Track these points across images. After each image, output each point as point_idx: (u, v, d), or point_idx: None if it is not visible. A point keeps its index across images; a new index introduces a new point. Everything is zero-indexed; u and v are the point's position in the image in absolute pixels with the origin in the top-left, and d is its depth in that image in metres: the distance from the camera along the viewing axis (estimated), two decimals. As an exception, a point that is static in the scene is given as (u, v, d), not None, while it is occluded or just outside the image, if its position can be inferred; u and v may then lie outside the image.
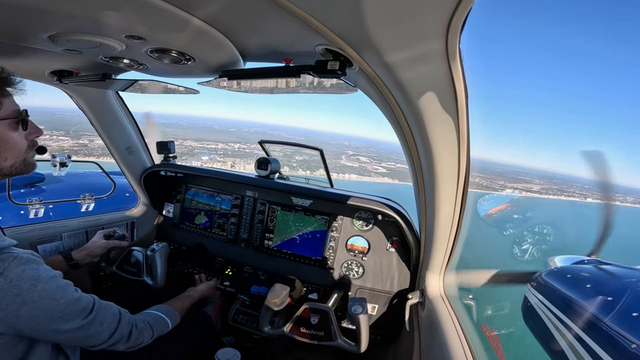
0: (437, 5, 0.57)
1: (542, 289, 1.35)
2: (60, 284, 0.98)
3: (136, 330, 1.23)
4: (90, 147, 16.04)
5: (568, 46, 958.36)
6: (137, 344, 1.24)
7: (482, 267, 1.67)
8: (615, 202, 1.47)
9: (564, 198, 12.75)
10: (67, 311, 0.98)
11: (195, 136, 47.23)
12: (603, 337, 1.01)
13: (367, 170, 49.79)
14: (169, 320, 1.44)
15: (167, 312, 1.48)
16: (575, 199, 12.33)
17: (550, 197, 12.71)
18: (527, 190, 12.37)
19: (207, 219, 2.36)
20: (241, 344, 2.12)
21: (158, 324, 1.38)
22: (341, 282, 2.01)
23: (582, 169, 1.39)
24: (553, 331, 1.18)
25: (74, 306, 1.00)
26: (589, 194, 11.68)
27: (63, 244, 2.01)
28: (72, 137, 16.78)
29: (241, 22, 0.89)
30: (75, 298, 1.02)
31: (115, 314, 1.16)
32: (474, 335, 1.21)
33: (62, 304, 0.96)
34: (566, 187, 13.39)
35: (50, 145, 19.59)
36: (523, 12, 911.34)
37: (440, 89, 0.82)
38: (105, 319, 1.10)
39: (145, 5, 0.76)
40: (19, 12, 0.81)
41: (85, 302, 1.05)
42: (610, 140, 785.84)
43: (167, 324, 1.43)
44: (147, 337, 1.28)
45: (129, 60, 1.19)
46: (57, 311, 0.95)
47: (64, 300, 0.97)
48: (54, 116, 17.20)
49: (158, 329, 1.36)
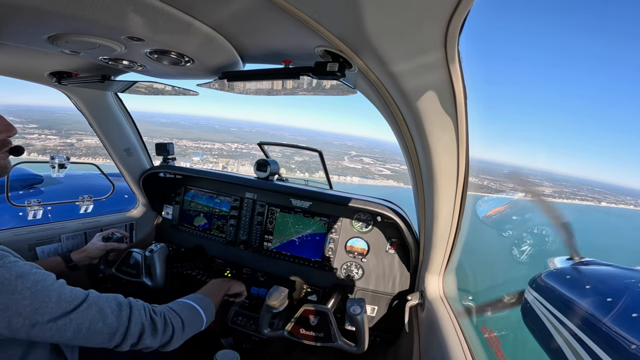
0: (436, 7, 0.57)
1: (542, 289, 1.35)
2: (23, 274, 0.86)
3: (157, 316, 1.09)
4: (76, 147, 15.94)
5: (571, 45, 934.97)
6: (169, 336, 1.11)
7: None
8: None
9: (577, 202, 12.67)
10: (39, 304, 0.86)
11: (193, 136, 46.99)
12: (602, 337, 1.01)
13: (371, 172, 49.06)
14: (197, 306, 1.28)
15: (194, 297, 1.30)
16: (589, 202, 12.30)
17: (564, 201, 12.64)
18: (539, 193, 12.33)
19: (206, 220, 2.36)
20: (240, 345, 2.11)
21: (182, 308, 1.22)
22: (340, 284, 2.01)
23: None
24: (552, 331, 1.18)
25: (50, 297, 0.88)
26: (601, 196, 11.70)
27: (62, 246, 2.01)
28: (60, 136, 16.71)
29: (241, 24, 0.89)
30: (53, 288, 0.90)
31: (121, 302, 1.04)
32: (474, 336, 1.21)
33: (28, 297, 0.85)
34: (577, 190, 13.38)
35: (34, 144, 19.47)
36: (524, 12, 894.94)
37: (439, 89, 0.82)
38: (107, 308, 0.98)
39: (145, 7, 0.76)
40: (18, 13, 0.81)
41: (72, 293, 0.94)
42: (610, 140, 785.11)
43: (196, 312, 1.26)
44: (176, 324, 1.14)
45: (128, 61, 1.19)
46: (23, 305, 0.83)
47: (29, 293, 0.85)
48: (53, 115, 17.23)
49: (185, 314, 1.20)
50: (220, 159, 38.93)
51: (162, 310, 1.14)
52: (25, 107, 26.54)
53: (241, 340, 2.11)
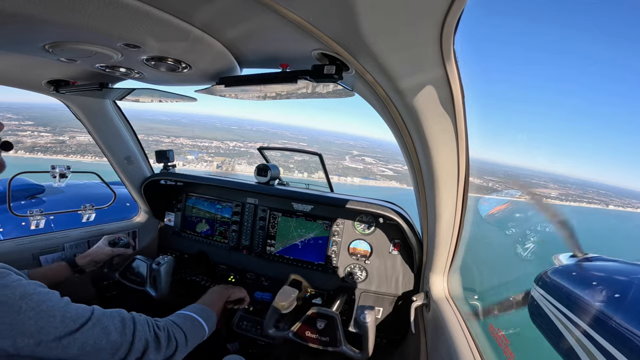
0: (431, 8, 0.57)
1: (548, 286, 1.34)
2: (26, 293, 0.85)
3: (161, 331, 1.09)
4: (67, 144, 16.01)
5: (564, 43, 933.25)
6: (172, 350, 1.10)
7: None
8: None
9: (585, 205, 12.55)
10: (43, 323, 0.85)
11: (190, 134, 46.79)
12: (611, 333, 1.00)
13: (373, 172, 48.37)
14: (199, 318, 1.27)
15: (195, 309, 1.30)
16: (596, 205, 12.20)
17: (572, 204, 12.50)
18: (545, 196, 12.28)
19: (209, 226, 2.35)
20: (246, 350, 2.11)
21: (185, 321, 1.21)
22: (344, 286, 2.00)
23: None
24: (561, 328, 1.17)
25: (54, 317, 0.88)
26: (608, 199, 11.63)
27: (65, 254, 2.01)
28: (53, 133, 16.80)
29: (237, 29, 0.89)
30: (57, 307, 0.90)
31: (125, 317, 1.04)
32: (481, 335, 1.20)
33: (32, 317, 0.84)
34: (583, 192, 13.26)
35: (25, 142, 19.47)
36: (517, 11, 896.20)
37: (436, 89, 0.82)
38: (110, 325, 0.98)
39: (141, 14, 0.76)
40: (14, 21, 0.80)
41: (77, 312, 0.94)
42: (608, 139, 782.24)
43: (198, 323, 1.26)
44: (179, 338, 1.13)
45: (125, 68, 1.18)
46: (29, 325, 0.83)
47: (33, 313, 0.84)
48: (53, 112, 17.32)
49: (187, 327, 1.20)
50: (215, 158, 38.71)
51: (165, 324, 1.14)
52: (26, 104, 26.03)
53: (247, 345, 2.10)
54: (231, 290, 1.71)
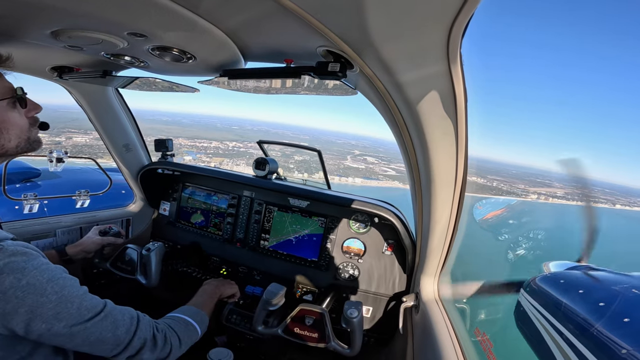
0: (439, 10, 0.58)
1: (535, 294, 1.36)
2: (53, 277, 0.88)
3: (159, 333, 1.11)
4: (62, 145, 15.87)
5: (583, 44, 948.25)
6: (167, 352, 1.12)
7: (480, 273, 1.69)
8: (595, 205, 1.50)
9: (592, 204, 12.63)
10: (61, 309, 0.87)
11: (190, 134, 46.49)
12: (594, 342, 1.02)
13: (375, 172, 47.74)
14: (193, 322, 1.30)
15: (189, 312, 1.34)
16: (603, 205, 12.25)
17: (579, 204, 12.53)
18: (551, 195, 12.31)
19: (203, 218, 2.35)
20: (234, 344, 2.11)
21: (179, 325, 1.24)
22: (336, 284, 2.01)
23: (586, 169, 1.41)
24: (545, 335, 1.19)
25: (73, 304, 0.90)
26: (614, 199, 11.70)
27: (57, 240, 2.00)
28: (50, 134, 16.69)
29: (243, 22, 0.90)
30: (76, 295, 0.92)
31: (133, 316, 1.06)
32: (467, 339, 1.22)
33: (54, 301, 0.86)
34: (589, 191, 13.34)
35: None
36: (528, 13, 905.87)
37: (440, 92, 0.83)
38: (120, 321, 1.00)
39: (149, 3, 0.76)
40: (22, 8, 0.81)
41: (91, 302, 0.96)
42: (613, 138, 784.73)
43: (192, 327, 1.29)
44: (174, 342, 1.16)
45: (130, 57, 1.19)
46: (47, 309, 0.84)
47: (55, 297, 0.86)
48: (54, 113, 17.16)
49: (182, 331, 1.23)
50: (214, 158, 38.52)
51: (163, 327, 1.17)
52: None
53: (235, 339, 2.11)
54: (222, 289, 1.74)
